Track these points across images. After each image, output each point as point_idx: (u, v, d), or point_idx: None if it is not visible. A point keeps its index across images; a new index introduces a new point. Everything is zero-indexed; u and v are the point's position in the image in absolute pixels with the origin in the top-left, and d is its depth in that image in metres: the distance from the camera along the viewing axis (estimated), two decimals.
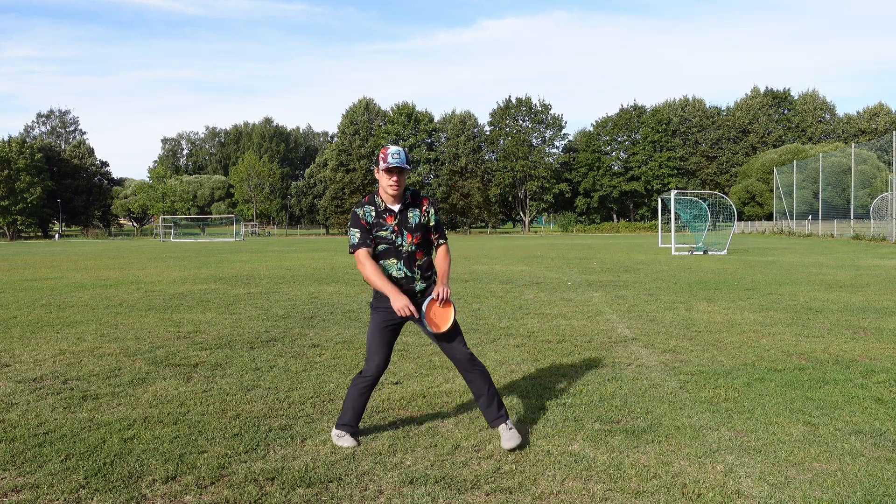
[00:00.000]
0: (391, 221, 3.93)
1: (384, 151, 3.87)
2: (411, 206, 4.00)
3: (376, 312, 4.03)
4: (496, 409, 3.95)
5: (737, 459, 3.68)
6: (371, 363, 4.01)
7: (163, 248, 40.61)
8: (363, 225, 3.92)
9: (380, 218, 3.93)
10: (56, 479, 3.49)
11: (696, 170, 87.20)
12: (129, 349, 6.89)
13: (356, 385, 4.05)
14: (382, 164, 3.84)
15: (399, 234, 3.93)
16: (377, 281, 3.86)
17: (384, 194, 3.95)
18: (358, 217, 3.95)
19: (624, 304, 9.97)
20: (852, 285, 12.20)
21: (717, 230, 34.90)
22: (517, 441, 3.83)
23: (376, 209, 3.95)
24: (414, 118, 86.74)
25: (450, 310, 3.96)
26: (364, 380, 4.03)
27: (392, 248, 3.93)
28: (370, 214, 3.94)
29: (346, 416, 4.03)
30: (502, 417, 3.94)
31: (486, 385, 3.99)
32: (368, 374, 4.02)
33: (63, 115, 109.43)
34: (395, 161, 3.83)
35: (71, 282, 14.96)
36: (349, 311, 9.47)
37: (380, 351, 4.00)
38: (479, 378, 3.99)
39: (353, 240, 3.93)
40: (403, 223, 3.94)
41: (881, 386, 5.13)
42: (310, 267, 19.15)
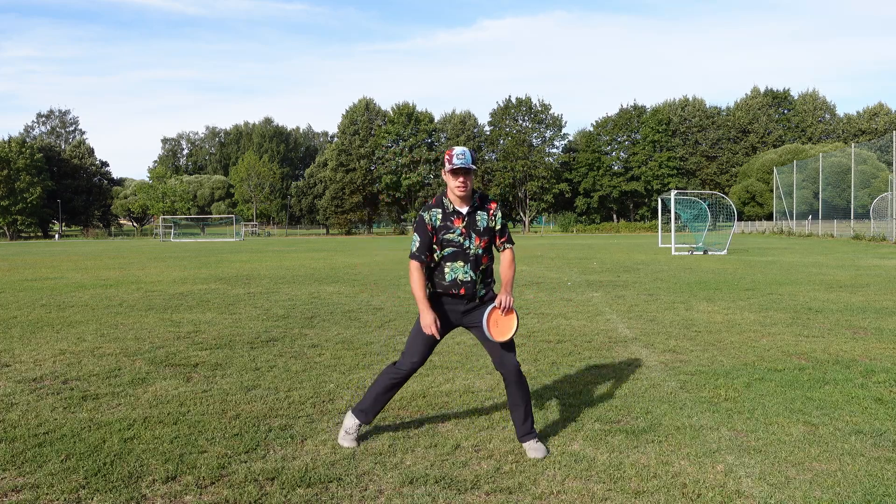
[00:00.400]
0: (459, 224, 3.87)
1: (449, 153, 3.81)
2: (479, 208, 3.93)
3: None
4: (529, 426, 3.90)
5: (737, 459, 3.68)
6: (407, 359, 3.97)
7: (163, 248, 40.61)
8: (427, 231, 3.87)
9: (447, 221, 3.87)
10: (56, 479, 3.49)
11: (696, 170, 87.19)
12: (129, 349, 6.89)
13: (387, 375, 4.01)
14: (448, 165, 3.78)
15: (467, 237, 3.87)
16: (417, 294, 3.86)
17: (452, 196, 3.88)
18: (424, 222, 3.89)
19: (624, 304, 9.96)
20: (852, 285, 12.20)
21: (717, 230, 34.90)
22: (543, 453, 3.80)
23: (444, 211, 3.89)
24: (414, 118, 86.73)
25: (512, 318, 3.90)
26: (397, 372, 3.98)
27: (460, 251, 3.87)
28: (437, 218, 3.88)
29: (367, 402, 4.00)
30: (531, 434, 3.89)
31: (524, 399, 3.93)
32: (403, 368, 3.97)
33: (63, 115, 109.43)
34: (460, 162, 3.76)
35: (71, 282, 14.96)
36: (349, 311, 9.47)
37: (420, 351, 3.95)
38: (520, 391, 3.93)
39: (413, 247, 3.89)
40: (472, 226, 3.88)
41: (881, 386, 5.13)
42: (310, 267, 19.15)
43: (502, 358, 3.92)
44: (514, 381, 3.92)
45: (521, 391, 3.93)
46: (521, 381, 3.94)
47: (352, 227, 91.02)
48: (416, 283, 3.87)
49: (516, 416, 3.93)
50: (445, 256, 3.89)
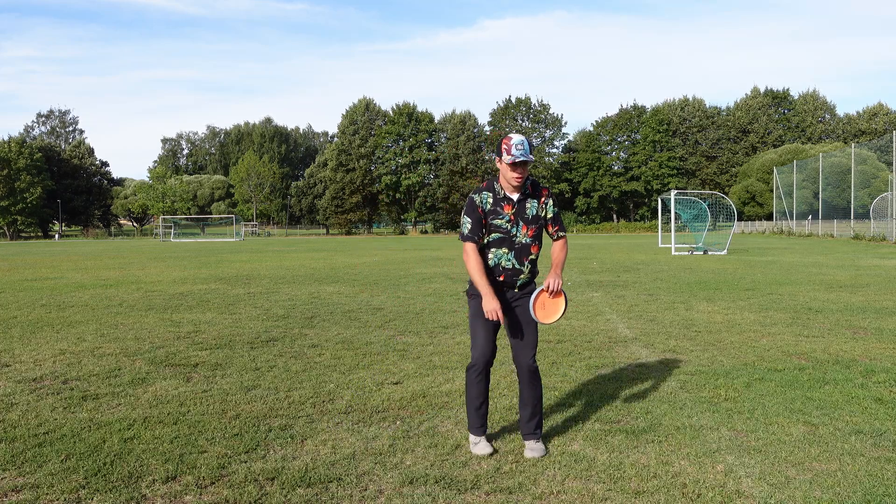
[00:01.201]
0: (508, 210, 3.81)
1: (507, 142, 3.70)
2: (531, 196, 3.86)
3: (474, 300, 3.90)
4: (533, 426, 3.88)
5: (737, 459, 3.68)
6: (476, 351, 3.87)
7: (163, 248, 40.61)
8: (478, 214, 3.79)
9: (497, 206, 3.81)
10: (56, 479, 3.49)
11: (696, 170, 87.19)
12: (129, 349, 6.89)
13: (469, 378, 3.91)
14: (507, 156, 3.68)
15: (515, 224, 3.81)
16: (478, 278, 3.75)
17: (505, 183, 3.81)
18: (475, 204, 3.81)
19: (624, 304, 9.96)
20: (852, 285, 12.20)
21: (717, 230, 34.92)
22: (539, 454, 3.79)
23: (494, 196, 3.82)
24: (414, 118, 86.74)
25: (560, 301, 3.85)
26: (475, 369, 3.89)
27: (506, 238, 3.81)
28: (487, 202, 3.81)
29: (470, 417, 3.91)
30: (534, 435, 3.87)
31: (534, 399, 3.90)
32: (477, 363, 3.88)
33: (63, 115, 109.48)
34: (520, 154, 3.67)
35: (71, 282, 14.96)
36: (349, 311, 9.47)
37: (483, 337, 3.85)
38: (531, 390, 3.90)
39: (465, 229, 3.81)
40: (521, 213, 3.82)
41: (881, 386, 5.13)
42: (310, 267, 19.15)
43: (522, 352, 3.88)
44: (526, 378, 3.90)
45: (532, 390, 3.90)
46: (535, 381, 3.90)
47: (352, 227, 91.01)
48: (475, 265, 3.76)
49: (523, 414, 3.92)
50: (491, 242, 3.84)
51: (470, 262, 3.79)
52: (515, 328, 3.89)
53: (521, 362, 3.89)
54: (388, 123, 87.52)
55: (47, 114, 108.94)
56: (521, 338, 3.88)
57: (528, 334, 3.88)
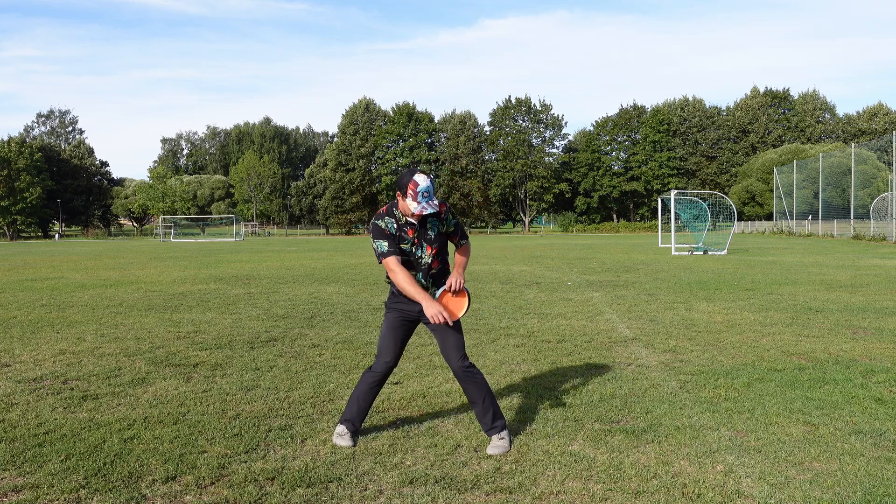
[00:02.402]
0: (411, 235, 3.91)
1: (413, 187, 3.73)
2: (430, 216, 3.97)
3: (391, 312, 4.05)
4: (490, 420, 3.91)
5: (737, 459, 3.68)
6: (381, 360, 4.03)
7: (163, 248, 40.61)
8: (388, 235, 3.88)
9: (401, 231, 3.90)
10: (56, 479, 3.49)
11: (696, 170, 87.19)
12: (129, 349, 6.89)
13: (365, 380, 4.07)
14: (413, 204, 3.74)
15: (419, 246, 3.93)
16: (410, 289, 3.81)
17: (405, 210, 3.86)
18: (381, 228, 3.89)
19: (624, 304, 9.97)
20: (852, 285, 12.20)
21: (717, 230, 34.92)
22: (502, 450, 3.82)
23: (397, 222, 3.90)
24: (414, 118, 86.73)
25: (463, 300, 3.93)
26: (373, 375, 4.04)
27: (412, 260, 3.93)
28: (392, 226, 3.89)
29: (351, 411, 4.03)
30: (496, 428, 3.90)
31: (481, 394, 3.93)
32: (378, 371, 4.03)
33: (63, 115, 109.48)
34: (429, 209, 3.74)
35: (71, 282, 14.96)
36: (349, 311, 9.47)
37: (391, 349, 4.01)
38: (474, 386, 3.94)
39: (382, 248, 3.87)
40: (423, 236, 3.93)
41: (881, 386, 5.13)
42: (310, 267, 19.15)
43: (450, 356, 3.94)
44: (463, 377, 3.94)
45: (473, 386, 3.94)
46: (473, 378, 3.94)
47: (352, 227, 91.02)
48: (403, 277, 3.84)
49: (477, 412, 3.96)
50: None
51: (398, 276, 3.84)
52: (438, 335, 3.98)
53: (452, 365, 3.97)
54: (388, 123, 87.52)
55: (47, 114, 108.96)
56: (445, 343, 3.96)
57: (451, 338, 3.93)
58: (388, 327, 4.04)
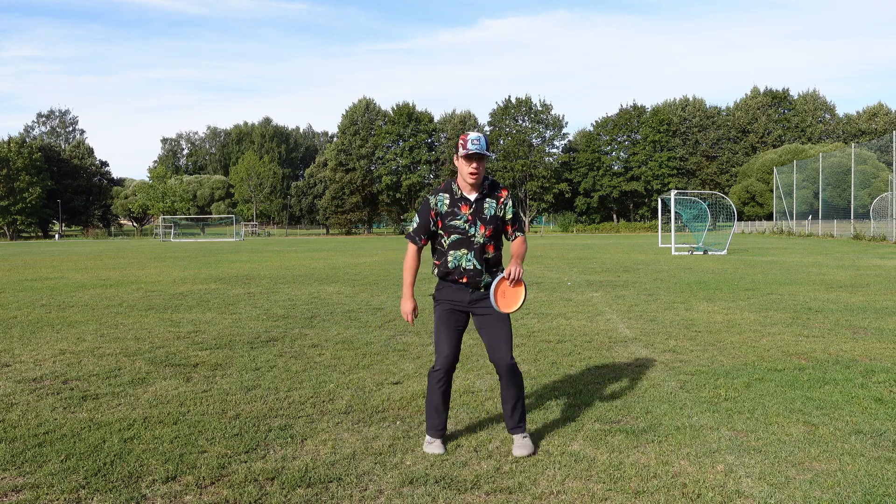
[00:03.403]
0: (465, 211, 3.81)
1: (463, 137, 3.74)
2: (488, 196, 3.86)
3: (440, 306, 3.92)
4: (517, 420, 3.87)
5: (737, 459, 3.68)
6: (440, 356, 3.88)
7: (163, 248, 40.61)
8: (429, 217, 3.83)
9: (454, 207, 3.81)
10: (56, 479, 3.49)
11: (696, 170, 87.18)
12: (129, 349, 6.89)
13: (432, 383, 3.92)
14: (461, 150, 3.72)
15: (472, 224, 3.81)
16: (406, 277, 3.88)
17: (462, 182, 3.81)
18: (428, 206, 3.83)
19: (624, 304, 9.97)
20: (852, 285, 12.20)
21: (717, 230, 34.91)
22: (528, 450, 3.78)
23: (451, 197, 3.82)
24: (414, 118, 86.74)
25: (520, 290, 3.80)
26: (437, 374, 3.89)
27: (465, 238, 3.81)
28: (443, 204, 3.81)
29: (431, 419, 3.91)
30: (520, 428, 3.87)
31: (515, 397, 3.88)
32: (440, 368, 3.88)
33: (63, 115, 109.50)
34: (474, 147, 3.70)
35: (71, 282, 14.96)
36: (349, 311, 9.47)
37: (446, 342, 3.86)
38: (512, 387, 3.88)
39: (411, 227, 3.91)
40: (478, 213, 3.81)
41: (881, 386, 5.13)
42: (310, 267, 19.15)
43: (497, 352, 3.85)
44: (506, 376, 3.86)
45: (512, 387, 3.88)
46: (514, 377, 3.87)
47: (352, 227, 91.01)
48: (406, 265, 3.88)
49: (505, 409, 3.93)
50: (450, 244, 3.84)
51: (406, 261, 3.91)
52: (487, 328, 3.88)
53: (498, 362, 3.86)
54: (388, 123, 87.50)
55: (47, 114, 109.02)
56: (495, 337, 3.86)
57: (501, 332, 3.85)
58: (439, 321, 3.90)
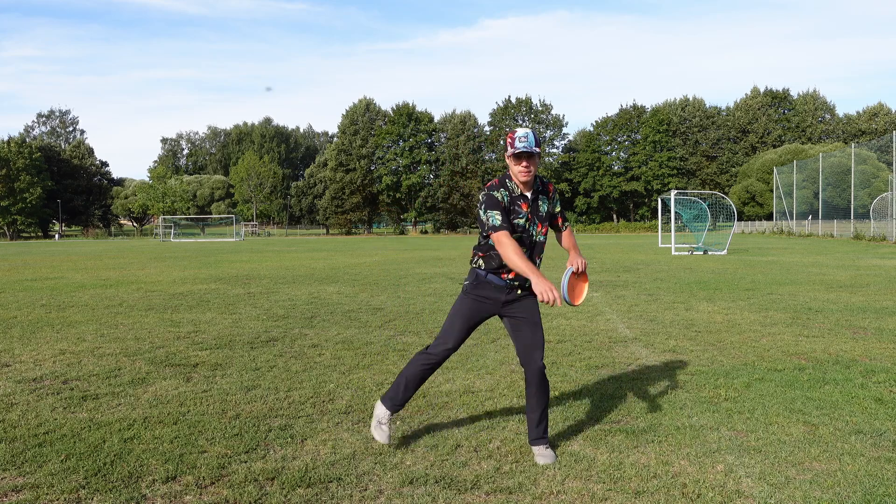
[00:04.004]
0: (525, 209, 3.71)
1: (511, 136, 3.65)
2: (541, 193, 3.81)
3: (468, 298, 3.81)
4: (542, 430, 3.80)
5: (737, 459, 3.68)
6: (441, 345, 3.80)
7: (163, 248, 40.61)
8: (502, 207, 3.66)
9: (514, 204, 3.69)
10: (56, 479, 3.49)
11: (696, 170, 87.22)
12: (129, 349, 6.89)
13: (417, 361, 3.85)
14: (510, 149, 3.63)
15: (532, 222, 3.74)
16: (521, 263, 3.53)
17: (515, 180, 3.71)
18: (496, 199, 3.66)
19: (624, 304, 9.96)
20: (852, 285, 12.19)
21: (717, 230, 34.92)
22: (550, 460, 3.70)
23: (511, 194, 3.70)
24: (414, 118, 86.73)
25: (586, 283, 3.80)
26: (428, 358, 3.82)
27: (524, 237, 3.72)
28: (506, 198, 3.68)
29: (397, 389, 3.86)
30: (543, 440, 3.80)
31: (542, 404, 3.81)
32: (434, 354, 3.81)
33: (63, 115, 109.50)
34: (522, 146, 3.60)
35: (71, 282, 14.96)
36: (349, 311, 9.47)
37: (456, 334, 3.79)
38: (540, 394, 3.81)
39: (495, 221, 3.62)
40: (535, 212, 3.75)
41: (881, 386, 5.13)
42: (310, 267, 19.15)
43: (531, 354, 3.77)
44: (535, 381, 3.78)
45: (540, 394, 3.80)
46: (543, 384, 3.80)
47: (352, 227, 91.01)
48: (514, 251, 3.55)
49: (531, 419, 3.82)
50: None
51: (508, 249, 3.57)
52: (522, 331, 3.79)
53: (530, 364, 3.77)
54: (388, 123, 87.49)
55: (47, 114, 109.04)
56: (530, 340, 3.78)
57: (536, 334, 3.78)
58: (460, 312, 3.79)
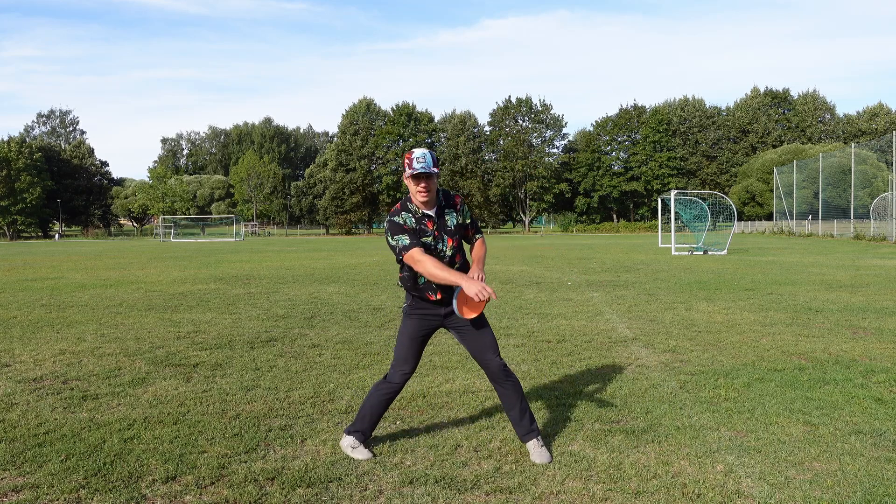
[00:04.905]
0: (431, 227, 3.75)
1: (408, 156, 3.65)
2: (446, 207, 3.83)
3: (410, 319, 3.85)
4: (528, 424, 3.80)
5: (737, 459, 3.68)
6: (397, 371, 3.84)
7: (163, 248, 40.61)
8: (407, 229, 3.68)
9: (420, 224, 3.73)
10: (56, 479, 3.49)
11: (696, 170, 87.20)
12: (129, 349, 6.89)
13: (379, 391, 3.88)
14: (407, 170, 3.64)
15: (440, 239, 3.76)
16: (443, 273, 3.53)
17: (416, 201, 3.73)
18: (399, 224, 3.68)
19: (624, 304, 9.97)
20: (852, 285, 12.19)
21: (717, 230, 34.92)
22: (547, 458, 3.71)
23: (414, 215, 3.73)
24: (414, 118, 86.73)
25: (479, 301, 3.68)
26: (389, 386, 3.85)
27: (434, 254, 3.74)
28: (410, 221, 3.71)
29: (363, 422, 3.86)
30: (534, 433, 3.79)
31: (517, 398, 3.82)
32: (395, 382, 3.85)
33: (63, 116, 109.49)
34: (419, 166, 3.60)
35: (71, 282, 14.96)
36: (349, 311, 9.47)
37: (410, 359, 3.84)
38: (511, 390, 3.81)
39: (403, 242, 3.63)
40: (443, 227, 3.77)
41: (881, 386, 5.13)
42: (310, 267, 19.15)
43: (485, 355, 3.79)
44: (501, 378, 3.80)
45: (511, 389, 3.81)
46: (510, 379, 3.81)
47: (352, 227, 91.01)
48: (433, 264, 3.56)
49: (513, 416, 3.84)
50: None
51: (426, 265, 3.57)
52: (469, 337, 3.82)
53: (488, 364, 3.80)
54: (388, 123, 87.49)
55: (48, 114, 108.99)
56: (479, 343, 3.81)
57: (484, 336, 3.81)
58: (407, 336, 3.82)
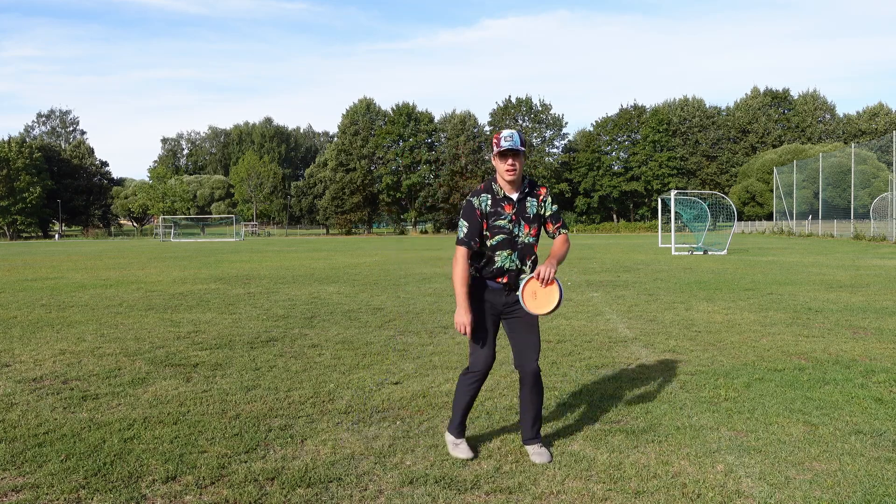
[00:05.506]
0: (509, 210, 3.74)
1: (497, 136, 3.68)
2: (529, 195, 3.81)
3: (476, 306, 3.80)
4: (535, 431, 3.83)
5: (737, 459, 3.68)
6: (477, 359, 3.80)
7: (163, 248, 40.61)
8: (477, 218, 3.70)
9: (497, 207, 3.73)
10: (56, 479, 3.49)
11: (696, 170, 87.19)
12: (129, 349, 6.89)
13: (463, 383, 3.85)
14: (495, 148, 3.67)
15: (517, 223, 3.74)
16: (459, 287, 3.67)
17: (501, 181, 3.74)
18: (473, 208, 3.71)
19: (624, 304, 9.96)
20: (852, 285, 12.19)
21: (717, 230, 34.92)
22: (547, 458, 3.72)
23: (493, 197, 3.74)
24: (414, 118, 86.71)
25: (553, 291, 3.61)
26: (472, 376, 3.82)
27: (509, 239, 3.74)
28: (486, 204, 3.72)
29: (456, 417, 3.86)
30: (537, 440, 3.82)
31: (537, 404, 3.84)
32: (476, 370, 3.80)
33: (63, 116, 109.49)
34: (507, 144, 3.63)
35: (71, 282, 14.96)
36: (349, 311, 9.47)
37: (488, 345, 3.79)
38: (534, 395, 3.82)
39: (461, 233, 3.71)
40: (521, 213, 3.76)
41: (881, 386, 5.13)
42: (310, 267, 19.15)
43: (524, 356, 3.79)
44: (529, 382, 3.80)
45: (534, 395, 3.82)
46: (537, 385, 3.82)
47: (352, 227, 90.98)
48: (459, 274, 3.69)
49: (524, 419, 3.85)
50: (496, 244, 3.75)
51: (456, 269, 3.71)
52: (517, 331, 3.82)
53: (523, 366, 3.80)
54: (388, 123, 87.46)
55: (48, 114, 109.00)
56: (524, 342, 3.80)
57: (530, 336, 3.80)
58: (476, 327, 3.78)
